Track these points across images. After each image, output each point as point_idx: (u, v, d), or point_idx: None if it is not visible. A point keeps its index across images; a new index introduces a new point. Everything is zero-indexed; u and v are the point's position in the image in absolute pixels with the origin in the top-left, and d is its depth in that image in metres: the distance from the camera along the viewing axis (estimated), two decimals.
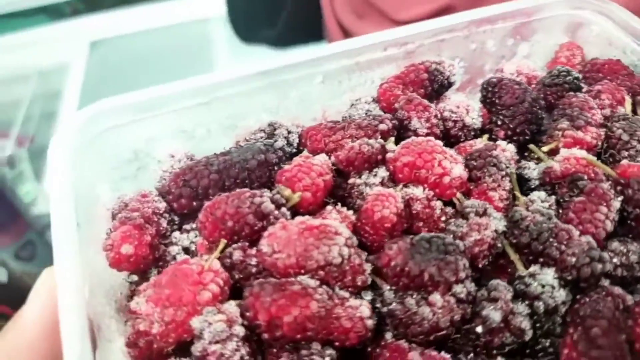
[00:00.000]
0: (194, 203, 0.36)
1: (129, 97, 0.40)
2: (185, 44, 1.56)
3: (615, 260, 0.33)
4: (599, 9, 0.50)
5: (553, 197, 0.37)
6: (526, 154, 0.41)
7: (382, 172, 0.38)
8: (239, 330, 0.29)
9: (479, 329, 0.30)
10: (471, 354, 0.31)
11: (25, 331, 0.34)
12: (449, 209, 0.36)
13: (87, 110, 0.39)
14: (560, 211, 0.35)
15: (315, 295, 0.29)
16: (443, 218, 0.35)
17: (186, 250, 0.35)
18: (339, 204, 0.37)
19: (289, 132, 0.41)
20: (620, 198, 0.35)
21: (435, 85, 0.45)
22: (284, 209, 0.34)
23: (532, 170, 0.39)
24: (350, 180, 0.38)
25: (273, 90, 0.44)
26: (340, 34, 0.81)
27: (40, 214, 0.99)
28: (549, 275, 0.31)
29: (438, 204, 0.36)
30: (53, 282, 0.32)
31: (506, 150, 0.38)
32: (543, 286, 0.31)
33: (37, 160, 1.11)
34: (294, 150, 0.41)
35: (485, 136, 0.41)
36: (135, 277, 0.34)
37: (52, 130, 1.42)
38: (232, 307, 0.30)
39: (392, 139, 0.39)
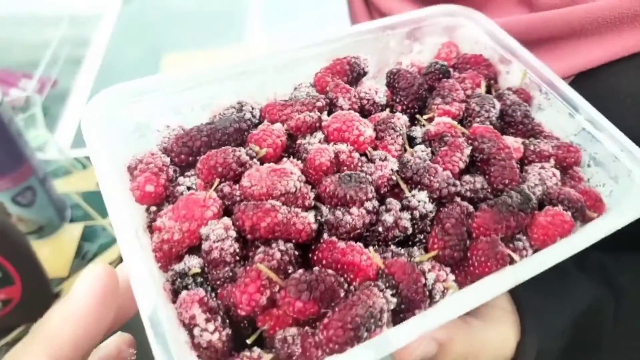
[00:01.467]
0: (190, 158, 0.52)
1: (133, 83, 0.55)
2: (220, 10, 1.55)
3: (465, 186, 0.53)
4: (468, 17, 0.69)
5: (429, 148, 0.56)
6: (415, 122, 0.60)
7: (319, 135, 0.55)
8: (232, 233, 0.45)
9: (380, 229, 0.48)
10: (375, 245, 0.49)
11: (76, 301, 0.37)
12: (364, 158, 0.54)
13: (104, 93, 0.53)
14: (433, 157, 0.55)
15: (280, 210, 0.46)
16: (359, 164, 0.53)
17: (189, 188, 0.50)
18: (291, 156, 0.54)
19: (253, 108, 0.57)
20: (470, 148, 0.55)
21: (354, 74, 0.62)
22: (255, 160, 0.51)
23: (418, 132, 0.58)
24: (298, 141, 0.55)
25: (239, 78, 0.60)
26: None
27: (46, 160, 0.97)
28: (423, 195, 0.50)
29: (356, 154, 0.53)
30: (98, 270, 0.38)
31: (400, 119, 0.57)
32: (419, 201, 0.49)
33: (56, 104, 1.08)
34: (257, 121, 0.57)
35: (388, 109, 0.60)
36: (154, 208, 0.50)
37: (75, 75, 1.41)
38: (226, 220, 0.46)
39: (325, 112, 0.57)
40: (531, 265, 0.45)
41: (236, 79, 0.59)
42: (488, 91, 0.63)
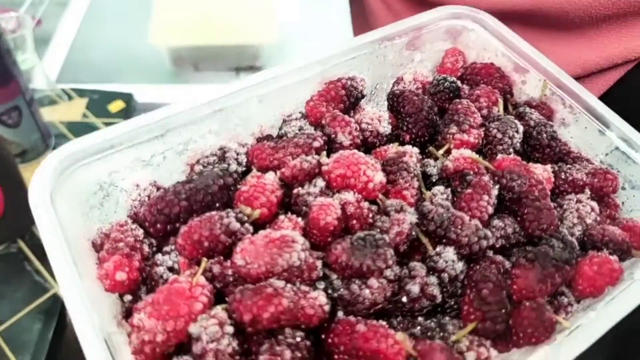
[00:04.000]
0: (168, 227, 0.43)
1: (92, 137, 0.45)
2: None
3: (496, 234, 0.45)
4: (474, 18, 0.60)
5: (449, 189, 0.48)
6: (427, 153, 0.52)
7: (320, 183, 0.46)
8: (229, 329, 0.37)
9: (404, 300, 0.41)
10: (399, 317, 0.42)
11: None
12: (374, 207, 0.46)
13: (56, 154, 0.43)
14: (455, 200, 0.47)
15: (284, 293, 0.38)
16: (370, 215, 0.45)
17: (170, 269, 0.42)
18: (288, 212, 0.46)
19: (238, 154, 0.48)
20: (497, 186, 0.47)
21: (351, 99, 0.53)
22: (247, 225, 0.42)
23: (432, 167, 0.50)
24: (295, 191, 0.46)
25: (217, 116, 0.50)
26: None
27: (33, 88, 0.94)
28: (450, 252, 0.42)
29: (365, 204, 0.45)
30: None
31: (413, 156, 0.48)
32: (446, 261, 0.42)
33: (39, 45, 1.06)
34: (244, 169, 0.48)
35: (397, 143, 0.51)
36: (129, 297, 0.41)
37: (59, 18, 1.42)
38: (220, 311, 0.38)
39: (324, 152, 0.48)
40: (586, 334, 0.38)
41: (214, 117, 0.50)
42: (505, 107, 0.55)
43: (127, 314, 0.41)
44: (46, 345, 0.65)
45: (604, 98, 0.57)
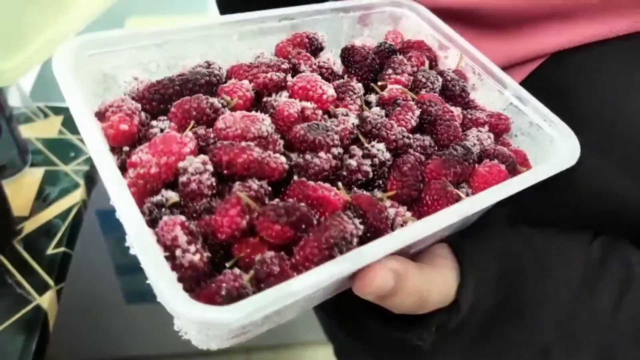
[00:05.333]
0: (162, 106, 0.54)
1: (101, 34, 0.56)
2: None
3: (416, 142, 0.59)
4: (411, 8, 0.77)
5: (384, 111, 0.62)
6: (369, 91, 0.66)
7: (285, 94, 0.58)
8: (210, 167, 0.48)
9: (345, 172, 0.53)
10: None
11: None
12: (326, 117, 0.59)
13: (74, 41, 0.54)
14: (387, 116, 0.61)
15: (255, 149, 0.49)
16: (323, 120, 0.58)
17: (162, 131, 0.52)
18: (259, 112, 0.58)
19: (220, 68, 0.60)
20: (420, 110, 0.61)
21: (312, 47, 0.67)
22: (226, 109, 0.54)
23: (373, 98, 0.63)
24: (264, 99, 0.59)
25: (204, 42, 0.62)
26: None
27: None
28: (381, 145, 0.55)
29: (320, 112, 0.58)
30: None
31: (358, 84, 0.62)
32: (378, 150, 0.54)
33: None
34: (225, 80, 0.60)
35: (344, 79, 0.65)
36: (127, 148, 0.51)
37: None
38: (203, 155, 0.48)
39: (290, 75, 0.61)
40: (476, 201, 0.51)
41: (201, 42, 0.62)
42: (430, 68, 0.71)
43: (123, 164, 0.50)
44: (29, 357, 0.67)
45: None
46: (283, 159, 0.50)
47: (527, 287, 0.62)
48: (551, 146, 0.63)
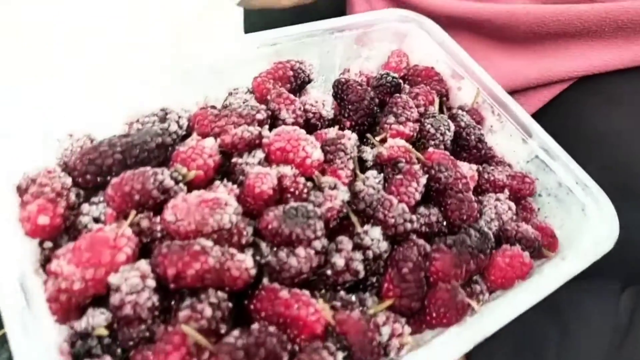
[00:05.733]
0: (99, 179, 0.42)
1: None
2: None
3: (420, 220, 0.48)
4: (419, 24, 0.64)
5: (382, 174, 0.50)
6: (365, 140, 0.54)
7: (259, 154, 0.47)
8: (150, 282, 0.37)
9: (329, 272, 0.42)
10: (322, 290, 0.43)
11: None
12: (310, 184, 0.47)
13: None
14: (386, 184, 0.49)
15: (211, 253, 0.38)
16: (305, 190, 0.46)
17: (96, 220, 0.41)
18: (225, 179, 0.46)
19: (179, 117, 0.48)
20: (426, 176, 0.49)
21: (298, 81, 0.55)
22: (181, 185, 0.42)
23: (368, 154, 0.52)
24: (233, 160, 0.47)
25: (165, 77, 0.50)
26: None
27: None
28: (376, 232, 0.44)
29: (302, 179, 0.46)
30: None
31: (351, 139, 0.50)
32: (372, 239, 0.43)
33: None
34: (184, 133, 0.48)
35: (337, 127, 0.53)
36: (50, 244, 0.39)
37: None
38: (143, 265, 0.37)
39: (267, 126, 0.49)
40: (494, 319, 0.41)
41: (162, 78, 0.49)
42: (440, 108, 0.59)
43: (46, 261, 0.39)
44: None
45: (538, 114, 0.61)
46: (249, 261, 0.39)
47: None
48: (583, 217, 0.52)
